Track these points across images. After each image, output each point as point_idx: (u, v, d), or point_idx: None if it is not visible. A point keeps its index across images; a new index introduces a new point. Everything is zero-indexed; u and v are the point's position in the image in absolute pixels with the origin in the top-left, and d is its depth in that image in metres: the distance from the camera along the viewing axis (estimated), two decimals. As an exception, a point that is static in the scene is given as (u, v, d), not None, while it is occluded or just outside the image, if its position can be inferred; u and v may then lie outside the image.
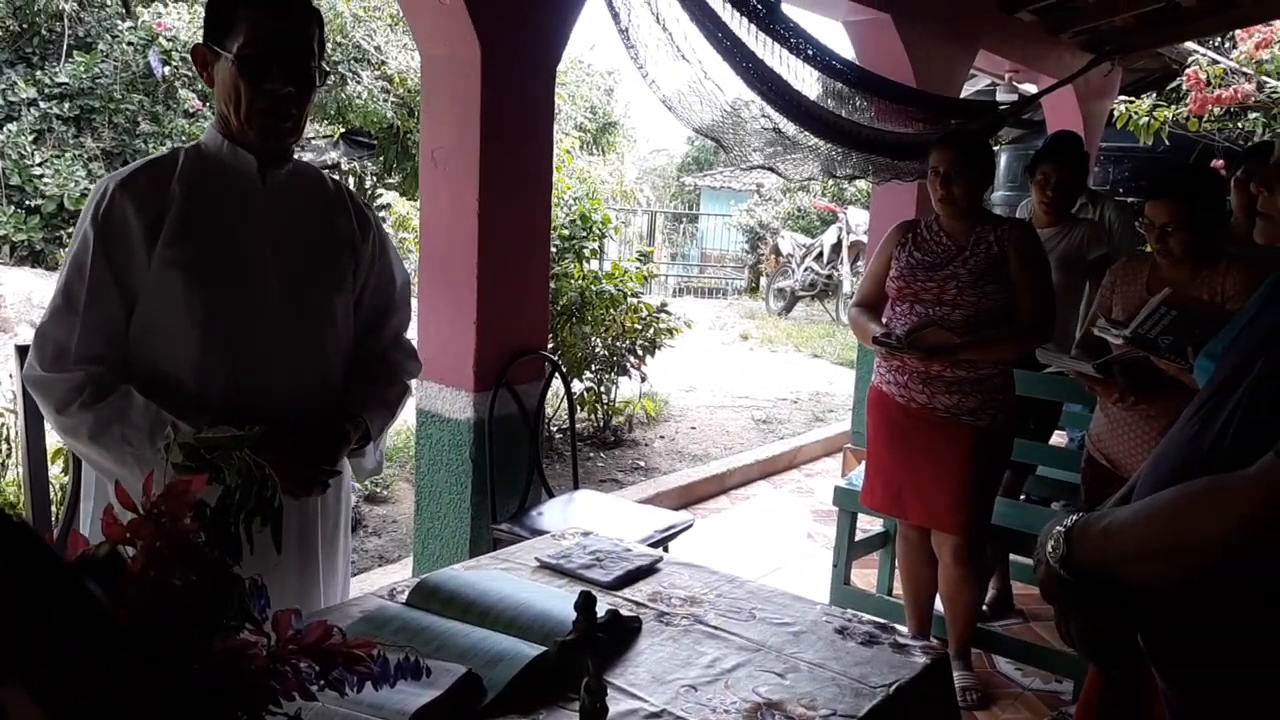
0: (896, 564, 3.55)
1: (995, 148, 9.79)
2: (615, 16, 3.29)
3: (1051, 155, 3.79)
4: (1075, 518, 1.30)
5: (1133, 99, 7.12)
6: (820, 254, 13.53)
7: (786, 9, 4.30)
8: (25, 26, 10.19)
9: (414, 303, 3.39)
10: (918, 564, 3.31)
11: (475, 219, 3.22)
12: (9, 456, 3.98)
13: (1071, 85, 6.27)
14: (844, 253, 13.10)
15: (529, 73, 3.34)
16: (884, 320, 3.15)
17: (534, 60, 3.36)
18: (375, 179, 12.39)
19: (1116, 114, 7.20)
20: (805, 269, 13.50)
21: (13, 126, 9.59)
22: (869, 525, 4.04)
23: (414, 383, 3.41)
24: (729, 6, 3.49)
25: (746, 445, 6.37)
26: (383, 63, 10.82)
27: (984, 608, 3.61)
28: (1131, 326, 2.65)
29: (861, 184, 10.47)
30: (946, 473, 3.03)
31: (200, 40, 1.76)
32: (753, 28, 3.65)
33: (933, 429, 3.03)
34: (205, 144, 1.80)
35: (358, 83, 10.40)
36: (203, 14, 1.77)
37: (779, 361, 10.08)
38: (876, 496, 3.27)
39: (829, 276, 13.30)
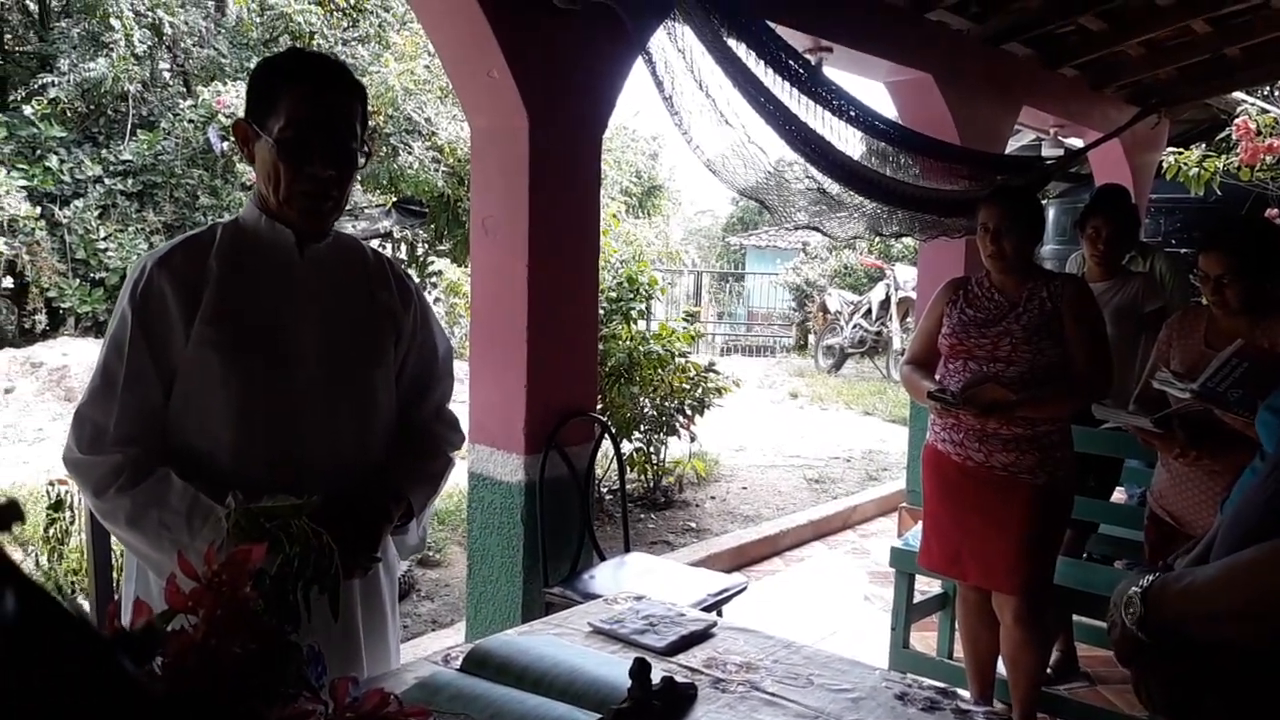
0: (957, 626, 3.47)
1: (1043, 202, 9.74)
2: (659, 84, 3.35)
3: (1100, 209, 3.77)
4: (1151, 578, 1.28)
5: (1182, 150, 7.05)
6: (869, 311, 13.48)
7: (828, 71, 4.36)
8: (92, 108, 10.62)
9: (465, 366, 3.44)
10: (978, 626, 3.23)
11: (525, 284, 3.27)
12: (72, 524, 4.06)
13: (1119, 138, 6.24)
14: (893, 309, 13.04)
15: (575, 141, 3.41)
16: (938, 377, 3.12)
17: (580, 129, 3.42)
18: (427, 246, 12.63)
19: (1166, 165, 7.13)
20: (854, 326, 13.45)
21: (79, 203, 9.95)
22: (927, 586, 3.97)
23: (466, 445, 3.45)
24: (771, 71, 3.54)
25: (799, 505, 6.30)
26: (433, 134, 11.08)
27: (1048, 671, 3.51)
28: (1200, 379, 2.59)
29: (908, 241, 10.47)
30: (1005, 532, 2.97)
31: (243, 116, 1.74)
32: (795, 91, 3.69)
33: (990, 487, 2.98)
34: (244, 218, 1.78)
35: (409, 153, 10.65)
36: None
37: (830, 419, 10.00)
38: (934, 557, 3.21)
39: (878, 333, 13.23)
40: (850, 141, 4.15)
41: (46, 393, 8.00)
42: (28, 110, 10.08)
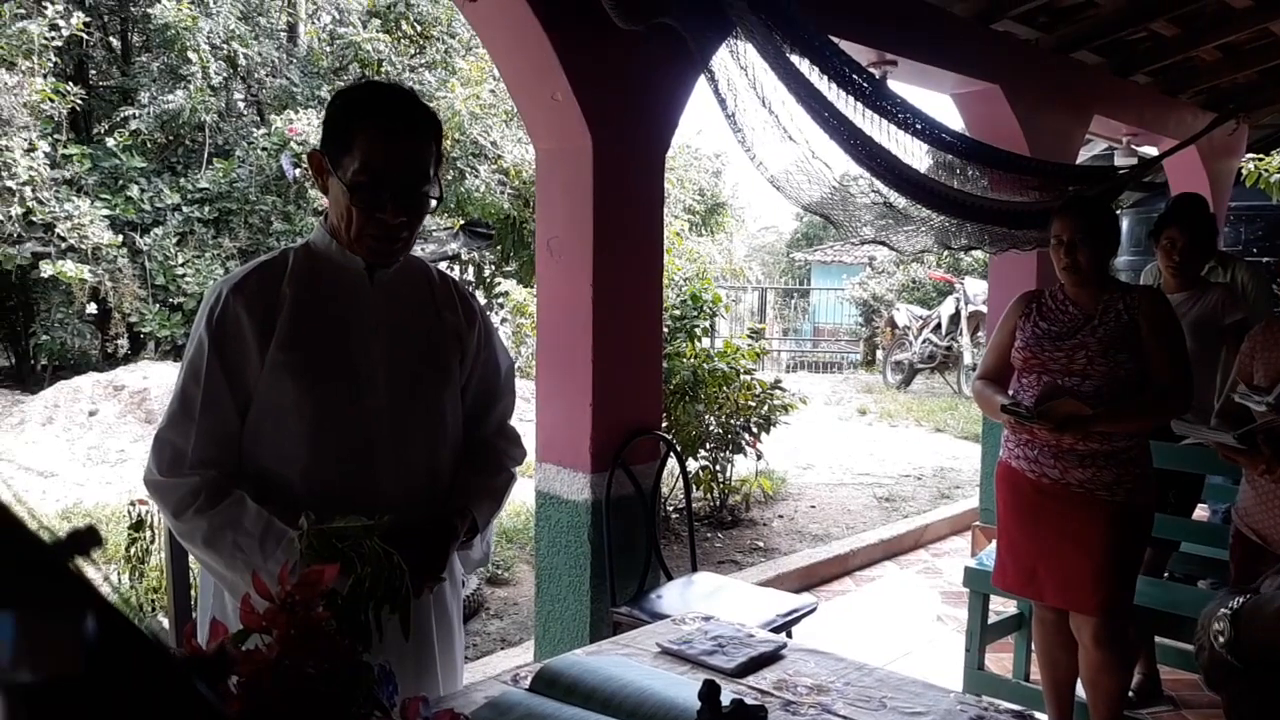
0: (1033, 648, 3.38)
1: (1117, 212, 9.53)
2: (722, 102, 3.35)
3: (1175, 219, 3.67)
4: (1241, 600, 1.23)
5: (1262, 156, 6.84)
6: (938, 325, 13.29)
7: (892, 84, 4.32)
8: (171, 138, 10.99)
9: (531, 386, 3.46)
10: (1056, 648, 3.15)
11: (589, 303, 3.29)
12: (152, 543, 4.17)
13: (1194, 146, 6.07)
14: (963, 323, 12.83)
15: (639, 162, 3.42)
16: (1011, 391, 3.06)
17: (643, 149, 3.44)
18: (494, 268, 12.78)
19: (1245, 172, 6.93)
20: (923, 341, 13.26)
21: (159, 230, 10.28)
22: (1003, 607, 3.87)
23: (532, 464, 3.47)
24: (834, 86, 3.51)
25: (869, 524, 6.22)
26: (499, 157, 11.24)
27: (1130, 694, 3.40)
28: (1277, 393, 2.51)
29: (978, 254, 10.30)
30: (1083, 551, 2.89)
31: (318, 146, 1.76)
32: (859, 105, 3.66)
33: (1067, 505, 2.91)
34: (314, 243, 1.81)
35: (475, 177, 10.81)
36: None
37: (900, 436, 9.86)
38: (1009, 577, 3.14)
39: (948, 348, 13.03)
40: (916, 154, 4.10)
41: (128, 415, 8.25)
42: (110, 142, 10.45)
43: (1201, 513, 4.22)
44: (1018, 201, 4.47)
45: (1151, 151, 6.62)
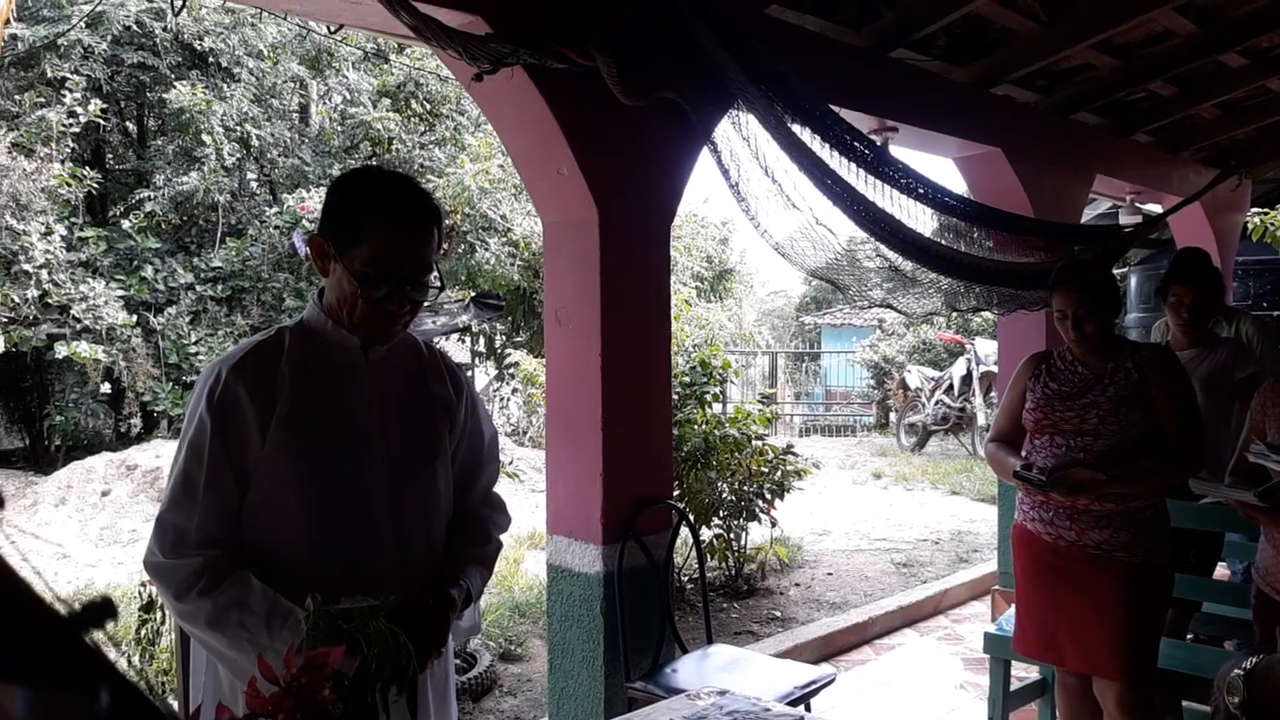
0: (1057, 714, 3.31)
1: (1124, 269, 9.55)
2: (725, 172, 3.39)
3: (1181, 276, 3.67)
4: (1254, 660, 1.20)
5: (1267, 210, 6.87)
6: (950, 386, 13.24)
7: (894, 150, 4.37)
8: (185, 219, 11.16)
9: (540, 455, 3.44)
10: (1080, 713, 3.07)
11: (598, 372, 3.29)
12: (163, 624, 4.13)
13: (1199, 202, 6.10)
14: (975, 384, 12.79)
15: (644, 232, 3.46)
16: (1024, 453, 3.04)
17: (649, 220, 3.47)
18: (504, 338, 12.85)
19: (1251, 226, 6.95)
20: (936, 402, 13.21)
21: (172, 309, 10.39)
22: (1025, 673, 3.80)
23: (544, 536, 3.44)
24: (836, 153, 3.56)
25: (887, 591, 6.13)
26: (508, 230, 11.37)
27: (1161, 763, 3.31)
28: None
29: (987, 315, 10.33)
30: (1103, 614, 2.84)
31: (317, 229, 1.77)
32: (862, 171, 3.70)
33: (1084, 567, 2.86)
34: (309, 320, 1.83)
35: (485, 249, 10.93)
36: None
37: (916, 500, 9.77)
38: (1030, 642, 3.08)
39: (961, 409, 12.97)
40: (920, 218, 4.13)
41: (141, 494, 8.25)
42: (126, 224, 10.62)
43: (1221, 571, 4.15)
44: (1023, 262, 4.49)
45: (1156, 209, 6.66)
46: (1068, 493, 2.81)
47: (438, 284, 1.79)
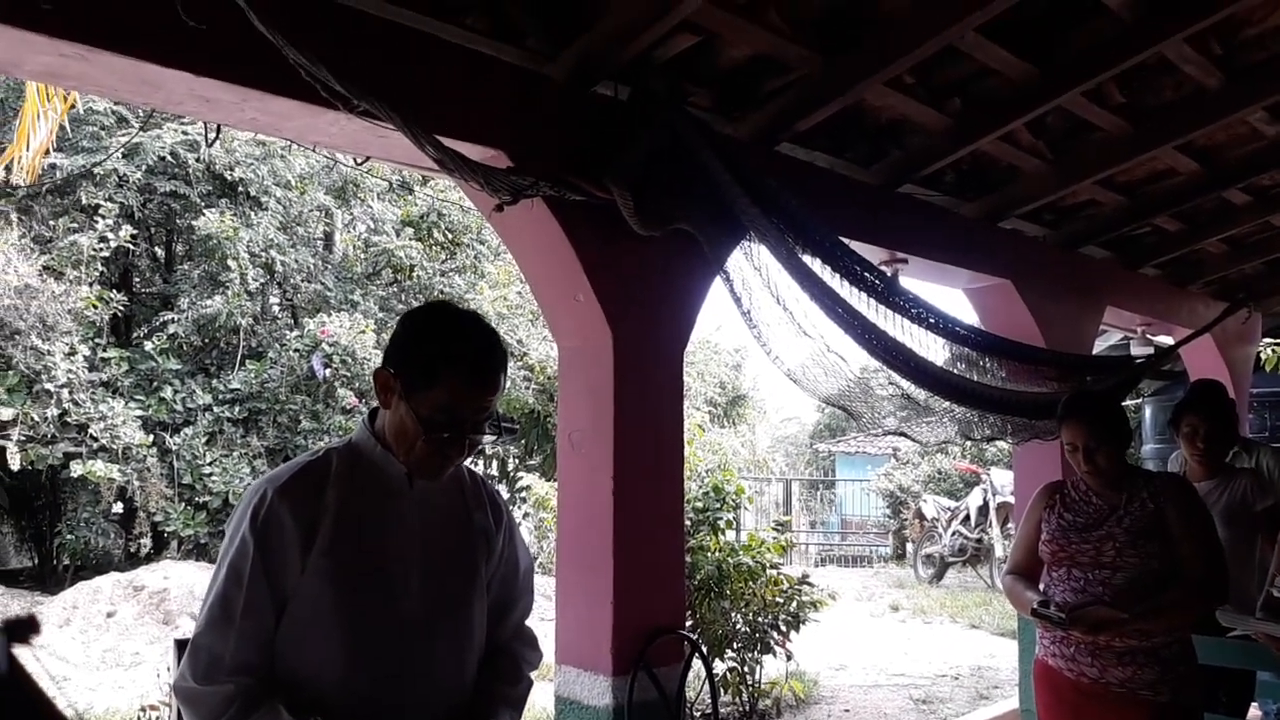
0: None
1: (1138, 400, 9.53)
2: (737, 300, 3.45)
3: (1194, 407, 3.68)
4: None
5: (1279, 341, 6.90)
6: (967, 517, 13.08)
7: (904, 280, 4.44)
8: (207, 341, 11.33)
9: (551, 582, 3.40)
10: None
11: (610, 497, 3.28)
12: (162, 752, 4.03)
13: (1210, 334, 6.14)
14: (992, 515, 12.62)
15: (658, 358, 3.50)
16: (1042, 586, 2.99)
17: (663, 346, 3.52)
18: (517, 461, 12.83)
19: (1264, 358, 6.97)
20: (953, 533, 13.03)
21: (189, 430, 10.44)
22: (1050, 819, 3.63)
23: (552, 667, 3.37)
24: (846, 283, 3.62)
25: (905, 728, 5.93)
26: (525, 354, 11.50)
27: None
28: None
29: (1002, 444, 10.30)
30: (1131, 756, 2.74)
31: (383, 362, 1.76)
32: (872, 301, 3.76)
33: (1108, 706, 2.78)
34: (357, 443, 1.81)
35: (501, 373, 11.02)
36: (370, 332, 1.82)
37: (934, 633, 9.53)
38: (1054, 784, 2.96)
39: (979, 540, 12.77)
40: (932, 348, 4.16)
41: (146, 616, 8.14)
42: (149, 345, 10.78)
43: (1255, 713, 4.01)
44: (1036, 392, 4.50)
45: (1167, 340, 6.69)
46: (1088, 631, 2.75)
47: (498, 429, 1.77)
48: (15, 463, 9.30)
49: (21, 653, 1.05)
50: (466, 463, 1.99)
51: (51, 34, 2.26)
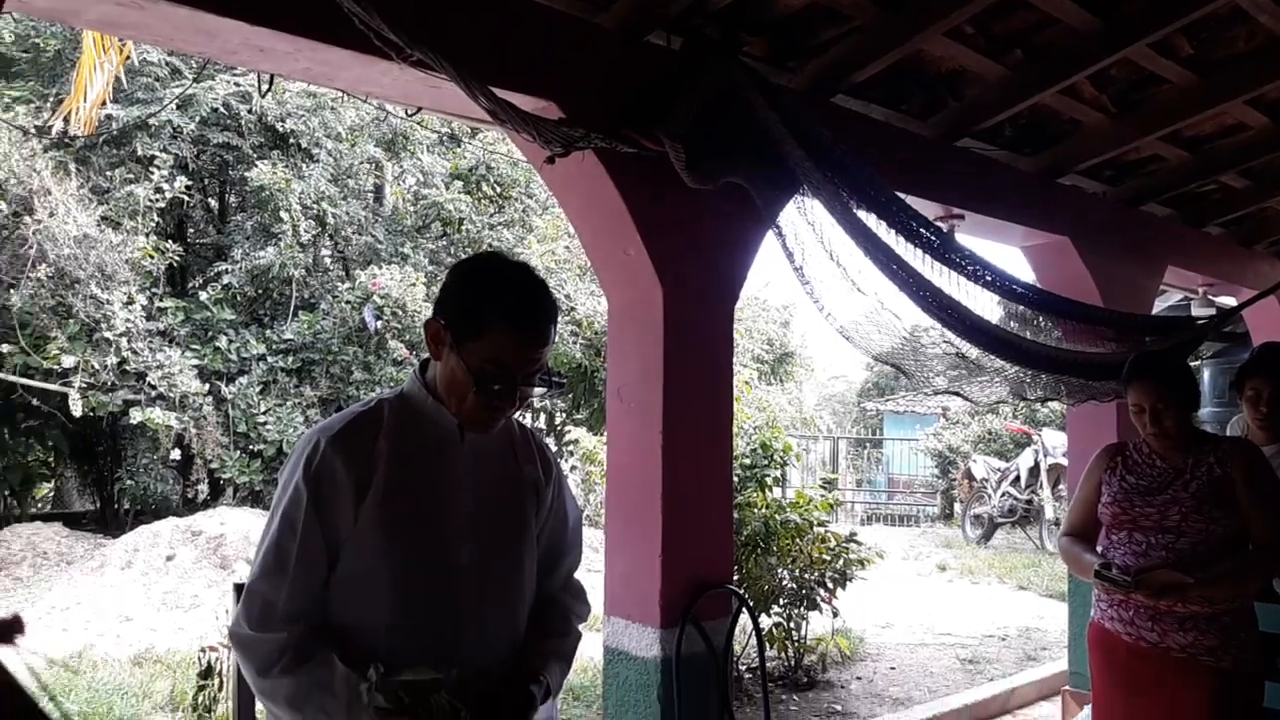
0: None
1: (1197, 363, 9.31)
2: (790, 255, 3.41)
3: (1259, 369, 3.57)
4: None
5: (1349, 305, 6.67)
6: (1017, 478, 12.93)
7: (960, 237, 4.36)
8: (260, 292, 11.48)
9: (600, 535, 3.43)
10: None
11: (659, 452, 3.28)
12: (220, 690, 4.14)
13: (1275, 296, 5.96)
14: (1043, 476, 12.48)
15: (709, 313, 3.47)
16: (1100, 549, 2.94)
17: (713, 301, 3.49)
18: (564, 415, 12.90)
19: (1332, 321, 6.75)
20: (1002, 494, 12.90)
21: (244, 379, 10.63)
22: (1098, 781, 3.61)
23: (601, 618, 3.40)
24: (901, 239, 3.56)
25: (952, 688, 5.92)
26: (573, 309, 11.51)
27: None
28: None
29: (1055, 405, 10.13)
30: (1185, 722, 2.70)
31: (433, 313, 1.74)
32: (927, 258, 3.69)
33: (1167, 671, 2.74)
34: (408, 394, 1.81)
35: (550, 327, 11.06)
36: (419, 284, 1.80)
37: (982, 594, 9.48)
38: (1105, 748, 2.94)
39: (1029, 502, 12.63)
40: (987, 306, 4.09)
41: (204, 560, 8.34)
42: (204, 296, 10.95)
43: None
44: (1093, 353, 4.40)
45: (1230, 301, 6.51)
46: (1152, 595, 2.70)
47: (548, 382, 1.76)
48: (77, 409, 9.54)
49: (4, 651, 1.03)
50: (515, 415, 1.98)
51: (108, -17, 2.27)
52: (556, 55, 3.03)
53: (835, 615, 5.95)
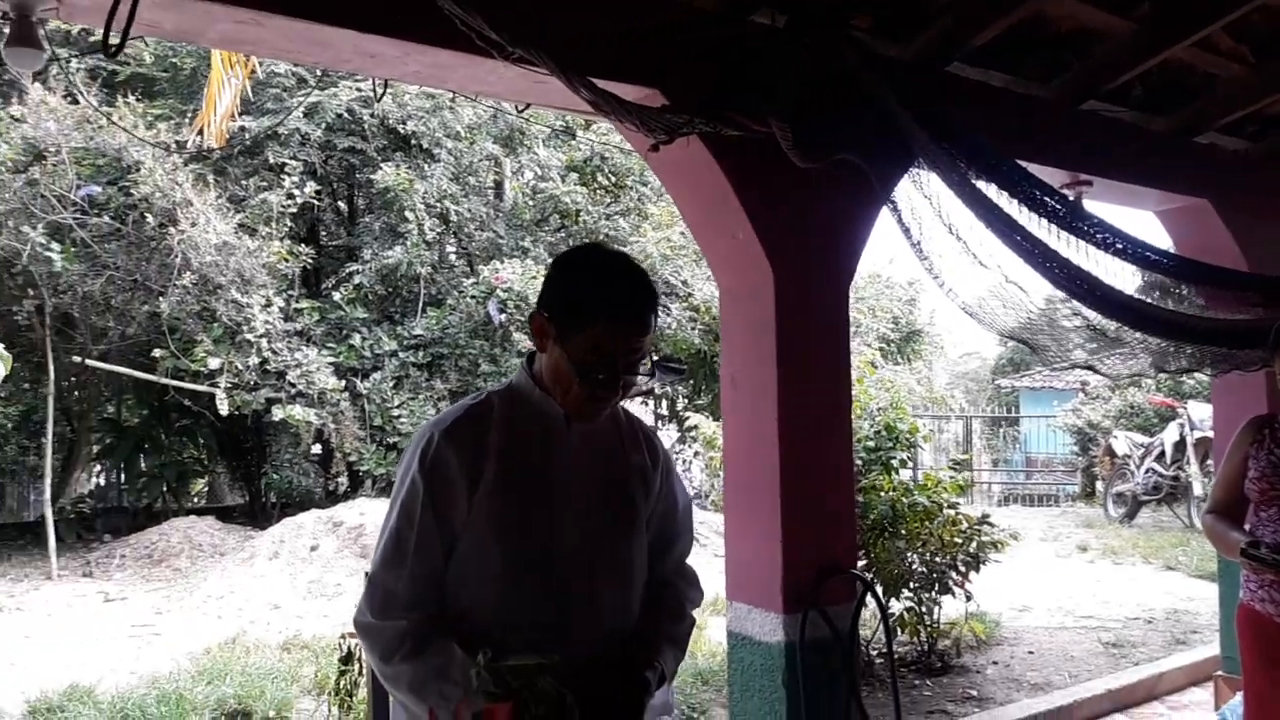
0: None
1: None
2: (906, 231, 3.32)
3: None
4: None
5: None
6: (1162, 454, 12.32)
7: (1088, 204, 4.17)
8: (390, 290, 11.88)
9: (720, 520, 3.42)
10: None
11: (775, 436, 3.25)
12: (360, 675, 4.30)
13: None
14: (1189, 451, 11.85)
15: (822, 294, 3.42)
16: (1248, 527, 2.78)
17: (826, 282, 3.44)
18: (686, 401, 12.93)
19: None
20: (1146, 471, 12.32)
21: (377, 375, 11.03)
22: (1255, 772, 3.42)
23: (723, 602, 3.40)
24: (1025, 209, 3.42)
25: (1094, 672, 5.70)
26: (689, 295, 11.51)
27: None
28: None
29: (1201, 376, 9.59)
30: (1347, 710, 2.54)
31: (537, 306, 1.78)
32: (1053, 227, 3.54)
33: (1321, 656, 2.58)
34: (517, 386, 1.85)
35: (667, 314, 11.09)
36: (540, 277, 1.84)
37: (1125, 575, 9.10)
38: (1259, 737, 2.78)
39: (1175, 478, 12.03)
40: (1121, 275, 3.90)
41: (345, 549, 8.70)
42: (337, 296, 11.40)
43: None
44: (1238, 320, 4.15)
45: (1396, 260, 6.05)
46: (1302, 571, 2.54)
47: (650, 371, 1.78)
48: (224, 408, 10.08)
49: None
50: (624, 404, 1.99)
51: (228, 2, 2.38)
52: (656, 41, 3.02)
53: (969, 599, 5.79)
